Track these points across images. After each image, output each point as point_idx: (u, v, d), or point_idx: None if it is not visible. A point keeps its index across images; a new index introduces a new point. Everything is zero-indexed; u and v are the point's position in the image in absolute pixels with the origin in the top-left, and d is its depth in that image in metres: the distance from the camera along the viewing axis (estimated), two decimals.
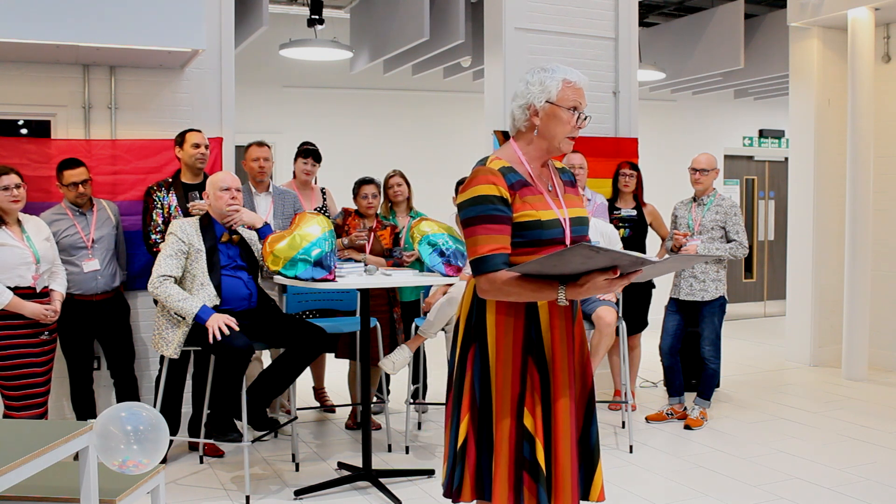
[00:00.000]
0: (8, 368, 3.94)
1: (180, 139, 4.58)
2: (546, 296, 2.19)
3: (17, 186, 3.95)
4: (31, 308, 3.95)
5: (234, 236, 4.11)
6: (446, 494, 2.42)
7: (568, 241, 2.30)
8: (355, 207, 5.09)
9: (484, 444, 2.35)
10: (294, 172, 5.26)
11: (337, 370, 5.92)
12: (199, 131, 4.60)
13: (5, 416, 3.99)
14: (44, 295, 4.05)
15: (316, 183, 5.46)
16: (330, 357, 5.52)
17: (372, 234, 4.97)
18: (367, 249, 4.90)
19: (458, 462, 2.37)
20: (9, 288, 3.89)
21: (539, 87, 2.32)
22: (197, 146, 4.53)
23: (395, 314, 5.01)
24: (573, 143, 2.39)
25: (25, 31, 4.07)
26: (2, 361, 3.93)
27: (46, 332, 4.06)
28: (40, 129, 4.90)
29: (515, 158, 2.35)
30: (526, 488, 2.28)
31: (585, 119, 2.36)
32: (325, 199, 5.29)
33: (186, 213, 4.38)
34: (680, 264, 2.70)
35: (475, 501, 2.40)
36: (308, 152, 5.16)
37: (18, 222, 4.02)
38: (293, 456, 4.44)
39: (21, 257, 3.94)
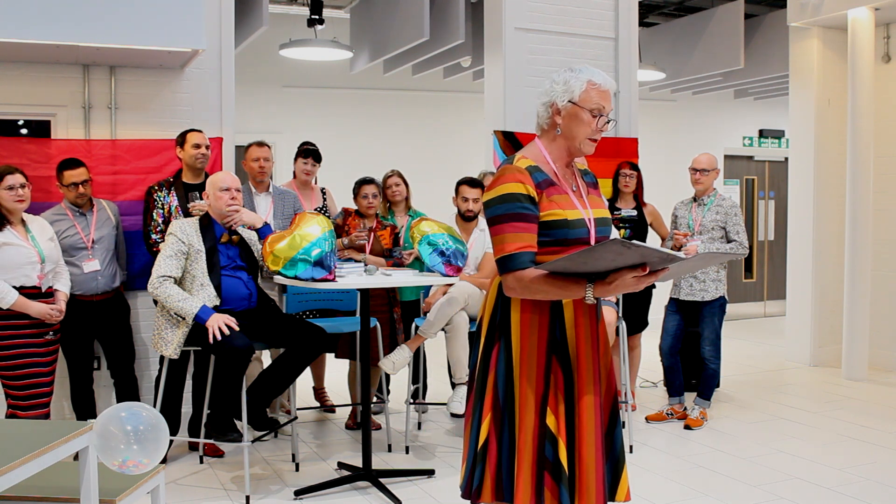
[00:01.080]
0: (13, 368, 3.94)
1: (181, 139, 4.58)
2: (573, 294, 2.19)
3: (22, 186, 3.96)
4: (36, 308, 3.95)
5: (233, 236, 4.11)
6: (465, 495, 2.40)
7: (593, 241, 2.30)
8: (355, 207, 5.09)
9: (505, 444, 2.33)
10: (294, 172, 5.26)
11: (337, 370, 5.92)
12: (199, 131, 4.60)
13: (9, 415, 3.99)
14: (49, 295, 4.05)
15: (316, 183, 5.46)
16: (330, 357, 5.52)
17: (372, 234, 4.97)
18: (367, 249, 4.90)
19: (478, 462, 2.35)
20: (14, 287, 3.90)
21: (563, 86, 2.31)
22: (197, 146, 4.54)
23: (395, 314, 5.01)
24: (595, 146, 2.37)
25: (25, 31, 4.07)
26: (7, 361, 3.93)
27: (51, 332, 4.06)
28: (40, 129, 4.90)
29: (541, 158, 2.35)
30: (547, 489, 2.26)
31: (608, 122, 2.34)
32: (325, 199, 5.28)
33: (187, 213, 4.38)
34: (704, 263, 2.69)
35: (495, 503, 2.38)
36: (308, 152, 5.16)
37: (23, 222, 4.03)
38: (293, 456, 4.44)
39: (26, 257, 3.94)
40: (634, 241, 1.99)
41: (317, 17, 6.83)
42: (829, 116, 7.10)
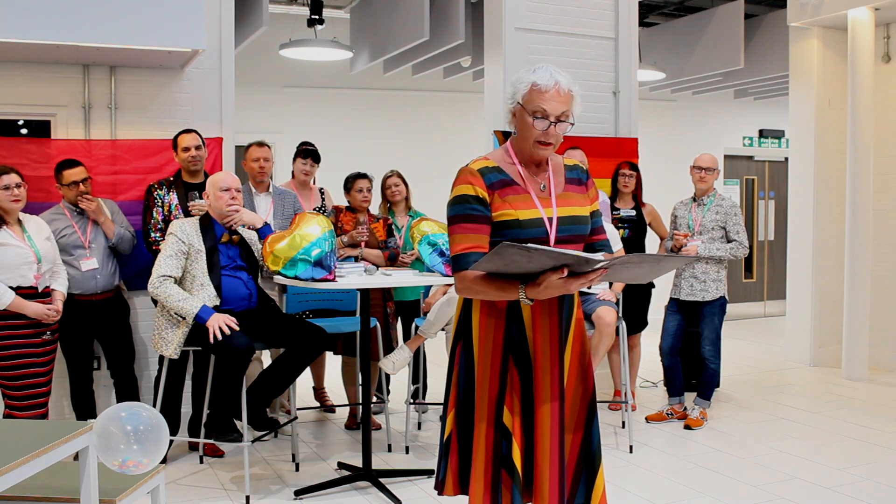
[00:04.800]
0: (10, 368, 3.94)
1: (174, 144, 4.57)
2: (510, 295, 2.19)
3: (18, 186, 3.95)
4: (33, 308, 3.94)
5: (234, 236, 4.11)
6: (436, 487, 2.46)
7: (552, 241, 2.27)
8: (345, 204, 5.09)
9: (466, 439, 2.38)
10: (293, 173, 5.26)
11: (337, 370, 5.92)
12: (190, 132, 4.57)
13: (6, 415, 3.99)
14: (45, 295, 4.05)
15: (315, 183, 5.46)
16: (330, 356, 5.52)
17: (365, 227, 4.98)
18: (363, 244, 4.91)
19: (443, 456, 2.42)
20: (11, 288, 3.89)
21: (513, 87, 2.30)
22: (187, 149, 4.51)
23: (389, 308, 5.01)
24: (547, 149, 2.28)
25: (25, 31, 4.07)
26: (4, 361, 3.93)
27: (48, 332, 4.06)
28: (40, 129, 4.90)
29: (506, 158, 2.34)
30: (504, 486, 2.29)
31: (555, 125, 2.23)
32: (323, 199, 5.28)
33: (187, 212, 4.38)
34: (672, 263, 2.49)
35: (464, 497, 2.42)
36: (307, 153, 5.16)
37: (19, 222, 4.02)
38: (293, 456, 4.44)
39: (23, 257, 3.94)
40: (531, 245, 1.96)
41: (317, 17, 6.83)
42: (829, 116, 7.10)
